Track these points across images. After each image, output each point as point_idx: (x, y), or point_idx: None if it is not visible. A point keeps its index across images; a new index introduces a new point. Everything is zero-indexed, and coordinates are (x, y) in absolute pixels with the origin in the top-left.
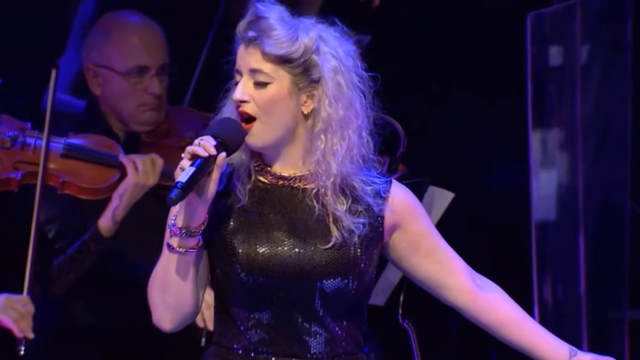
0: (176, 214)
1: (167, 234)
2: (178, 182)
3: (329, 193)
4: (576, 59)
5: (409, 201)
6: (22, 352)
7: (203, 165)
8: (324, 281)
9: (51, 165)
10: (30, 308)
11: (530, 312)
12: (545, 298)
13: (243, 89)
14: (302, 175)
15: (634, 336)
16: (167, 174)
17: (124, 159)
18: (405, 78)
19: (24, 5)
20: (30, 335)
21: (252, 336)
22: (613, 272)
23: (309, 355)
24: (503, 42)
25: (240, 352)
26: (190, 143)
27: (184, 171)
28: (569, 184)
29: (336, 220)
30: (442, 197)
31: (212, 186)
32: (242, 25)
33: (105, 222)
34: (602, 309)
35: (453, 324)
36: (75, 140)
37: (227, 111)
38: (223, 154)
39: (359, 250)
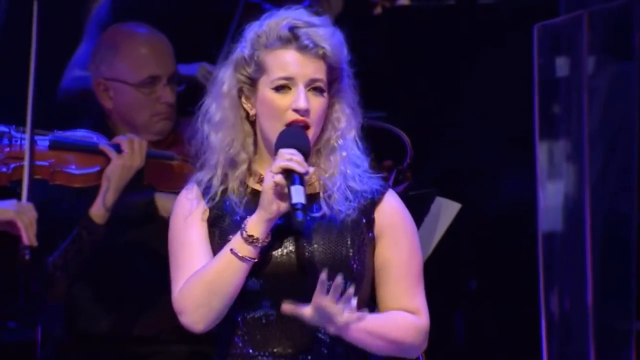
0: (246, 222)
1: (233, 240)
2: (298, 203)
3: (330, 190)
4: (583, 70)
5: (399, 215)
6: (27, 257)
7: (302, 180)
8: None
9: (39, 159)
10: (35, 215)
11: (537, 323)
12: (552, 309)
13: (307, 98)
14: None
15: None
16: (153, 155)
17: (102, 146)
18: (412, 89)
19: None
20: (35, 243)
21: (248, 339)
22: (620, 283)
23: (306, 357)
24: (509, 53)
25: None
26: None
27: (296, 191)
28: (575, 194)
29: (330, 207)
30: (449, 208)
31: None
32: (286, 29)
33: (96, 209)
34: (609, 320)
35: (460, 333)
36: (61, 134)
37: (229, 117)
38: (312, 168)
39: (351, 250)
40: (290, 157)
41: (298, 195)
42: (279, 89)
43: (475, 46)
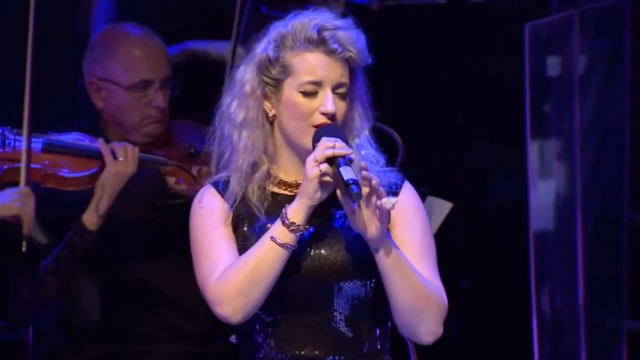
0: (286, 210)
1: (273, 228)
2: (350, 179)
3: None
4: (574, 69)
5: (413, 204)
6: (24, 249)
7: (347, 162)
8: (342, 283)
9: (32, 161)
10: (33, 200)
11: (528, 322)
12: (543, 308)
13: (334, 101)
14: None
15: (632, 346)
16: (146, 160)
17: (102, 147)
18: (404, 88)
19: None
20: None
21: (272, 340)
22: (611, 283)
23: (334, 357)
24: (501, 52)
25: None
26: (183, 152)
27: (345, 170)
28: (567, 194)
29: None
30: (441, 207)
31: (330, 187)
32: (314, 32)
33: (90, 215)
34: (600, 319)
35: (453, 334)
36: (55, 136)
37: (254, 118)
38: (355, 155)
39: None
40: (333, 145)
41: (348, 173)
42: (306, 92)
43: (467, 45)
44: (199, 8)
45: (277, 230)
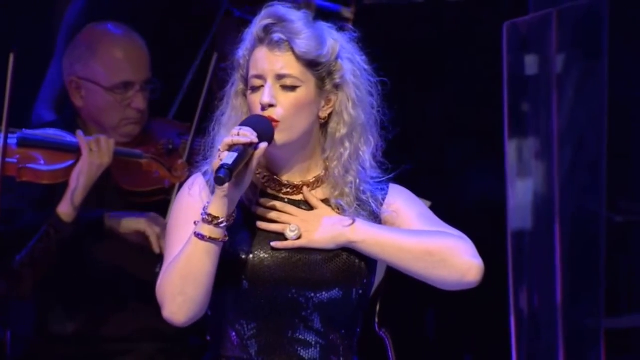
0: (207, 203)
1: (197, 224)
2: (224, 163)
3: (344, 200)
4: (552, 68)
5: (402, 202)
6: None
7: (243, 151)
8: (324, 292)
9: (7, 156)
10: None
11: (506, 320)
12: (521, 307)
13: (271, 93)
14: (309, 182)
15: (610, 345)
16: (121, 153)
17: (80, 139)
18: (381, 87)
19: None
20: None
21: (250, 346)
22: (589, 281)
23: None
24: (479, 51)
25: None
26: (161, 148)
27: (227, 155)
28: (545, 192)
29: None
30: None
31: (248, 176)
32: (260, 28)
33: (65, 207)
34: (579, 318)
35: (430, 332)
36: (30, 132)
37: (232, 117)
38: (265, 144)
39: (363, 263)
40: (237, 133)
41: (228, 157)
42: (253, 88)
43: (445, 44)
44: (174, 11)
45: (199, 225)
